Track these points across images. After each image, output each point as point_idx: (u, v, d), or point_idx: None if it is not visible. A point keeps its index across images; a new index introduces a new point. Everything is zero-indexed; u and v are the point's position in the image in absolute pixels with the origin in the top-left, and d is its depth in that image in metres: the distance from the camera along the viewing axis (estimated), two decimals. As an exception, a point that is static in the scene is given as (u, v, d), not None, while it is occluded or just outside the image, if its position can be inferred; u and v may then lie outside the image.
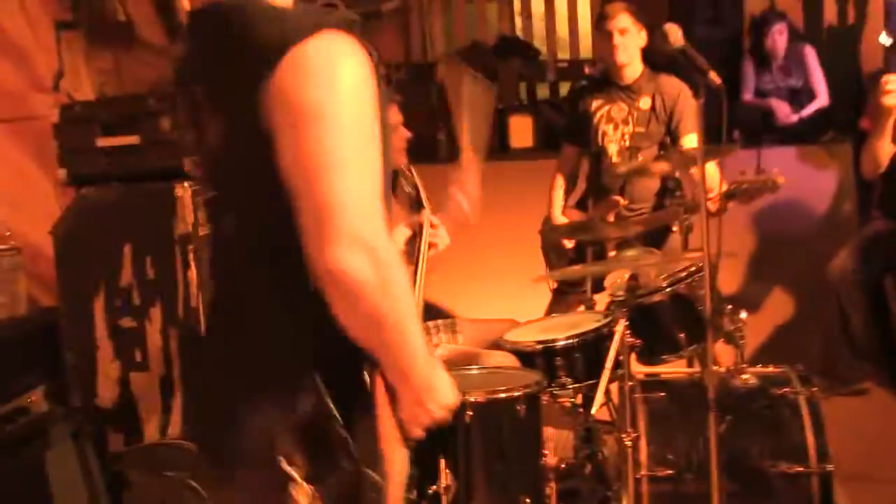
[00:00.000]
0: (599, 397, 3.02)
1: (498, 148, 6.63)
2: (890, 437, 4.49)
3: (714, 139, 6.09)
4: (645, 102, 4.45)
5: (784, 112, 6.38)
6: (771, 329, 5.51)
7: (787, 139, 6.38)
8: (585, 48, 7.80)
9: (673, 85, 4.46)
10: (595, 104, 4.56)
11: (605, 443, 3.78)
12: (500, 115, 6.87)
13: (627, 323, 3.27)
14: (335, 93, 1.47)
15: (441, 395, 1.65)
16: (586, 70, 7.32)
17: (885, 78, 4.47)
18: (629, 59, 4.43)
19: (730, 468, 2.89)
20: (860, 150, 5.20)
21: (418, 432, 1.67)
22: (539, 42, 7.90)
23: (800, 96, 6.43)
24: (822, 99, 6.41)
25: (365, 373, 1.59)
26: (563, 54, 7.92)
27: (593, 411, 3.11)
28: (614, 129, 4.50)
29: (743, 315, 3.37)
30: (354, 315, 1.49)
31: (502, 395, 2.95)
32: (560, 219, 4.59)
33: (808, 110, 6.39)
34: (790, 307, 5.68)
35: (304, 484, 1.53)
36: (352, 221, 1.44)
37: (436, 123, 6.54)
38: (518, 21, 7.92)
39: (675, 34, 2.56)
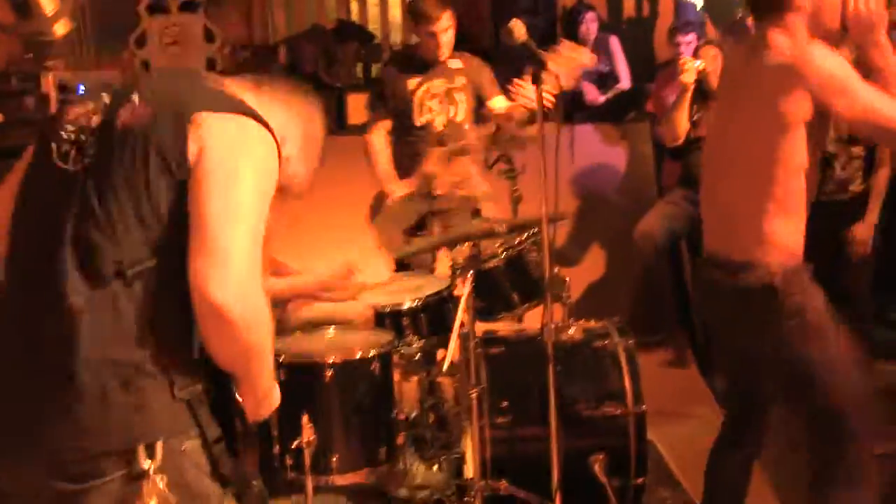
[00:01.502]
0: (449, 354, 3.02)
1: (336, 124, 6.60)
2: (684, 378, 4.75)
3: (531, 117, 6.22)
4: (459, 80, 4.40)
5: (592, 94, 6.57)
6: (586, 283, 5.62)
7: (595, 118, 6.57)
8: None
9: (472, 59, 4.48)
10: (413, 82, 4.41)
11: (447, 394, 3.85)
12: (339, 94, 6.84)
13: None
14: (253, 164, 1.65)
15: (272, 403, 1.83)
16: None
17: (682, 59, 4.68)
18: (451, 51, 4.39)
19: (559, 413, 2.95)
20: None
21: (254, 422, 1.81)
22: (374, 25, 7.88)
23: (606, 80, 6.63)
24: (624, 83, 6.63)
25: None
26: (396, 37, 7.92)
27: (444, 368, 3.10)
28: (439, 103, 4.40)
29: (566, 279, 3.45)
30: (227, 346, 1.61)
31: (357, 357, 2.93)
32: (402, 188, 4.49)
33: (613, 92, 6.61)
34: (602, 264, 5.82)
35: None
36: (239, 273, 1.56)
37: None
38: (354, 6, 7.87)
39: (519, 30, 2.58)
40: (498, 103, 4.28)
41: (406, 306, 3.46)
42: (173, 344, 1.62)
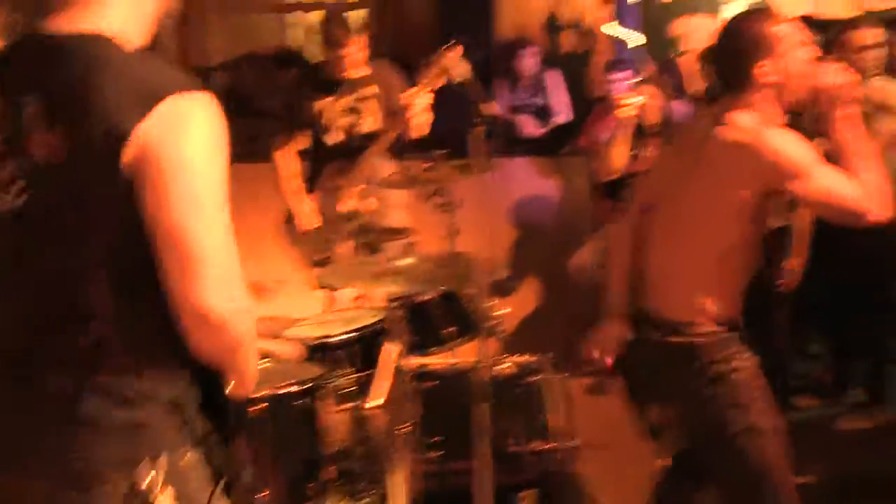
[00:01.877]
0: (377, 390, 2.96)
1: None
2: (616, 408, 4.71)
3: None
4: (369, 89, 4.36)
5: (530, 127, 6.57)
6: (522, 315, 5.57)
7: (533, 150, 6.58)
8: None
9: (381, 65, 4.45)
10: (322, 103, 4.37)
11: (379, 426, 3.77)
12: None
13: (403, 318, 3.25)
14: (203, 149, 1.49)
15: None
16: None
17: (619, 95, 4.70)
18: (361, 69, 4.36)
19: (490, 448, 2.92)
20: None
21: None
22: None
23: (544, 113, 6.64)
24: (562, 116, 6.64)
25: None
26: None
27: (369, 404, 3.04)
28: (345, 118, 4.38)
29: (504, 311, 3.38)
30: (216, 346, 1.52)
31: (287, 391, 2.88)
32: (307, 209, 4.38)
33: (551, 126, 6.62)
34: (537, 296, 5.81)
35: None
36: (218, 270, 1.47)
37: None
38: (291, 32, 7.80)
39: (461, 64, 2.57)
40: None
41: (338, 339, 3.39)
42: (159, 353, 1.55)
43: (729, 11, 7.92)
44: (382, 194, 4.25)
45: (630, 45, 6.64)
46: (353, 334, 3.40)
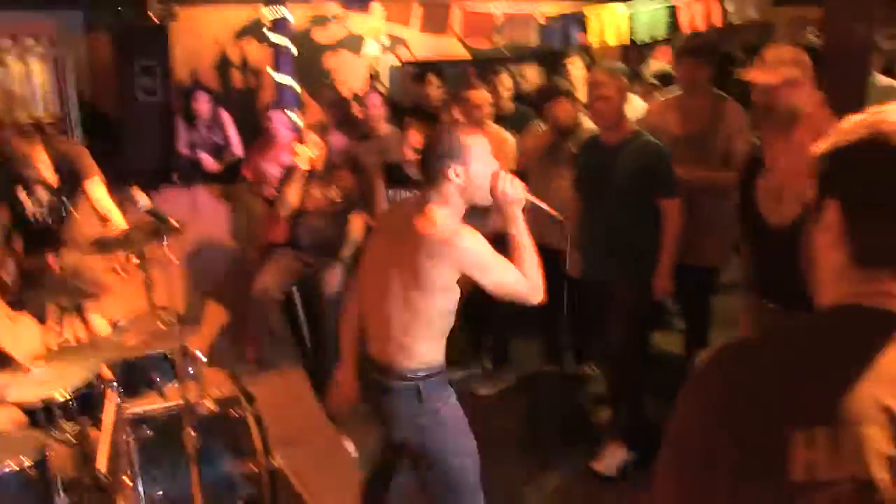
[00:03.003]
0: (103, 449, 2.93)
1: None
2: (307, 410, 4.85)
3: (157, 182, 6.07)
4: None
5: (209, 163, 6.56)
6: (218, 338, 5.53)
7: (214, 181, 6.58)
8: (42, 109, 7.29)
9: (69, 147, 4.34)
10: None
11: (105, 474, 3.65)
12: None
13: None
14: None
15: None
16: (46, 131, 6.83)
17: (294, 146, 4.86)
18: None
19: (203, 476, 2.97)
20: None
21: None
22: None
23: (221, 150, 6.65)
24: (236, 151, 6.69)
25: None
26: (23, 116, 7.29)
27: (98, 465, 3.00)
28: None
29: (201, 356, 3.42)
30: None
31: (9, 469, 2.79)
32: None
33: (227, 160, 6.65)
34: (228, 320, 5.72)
35: None
36: None
37: None
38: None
39: (142, 198, 2.60)
40: (95, 191, 4.21)
41: (59, 401, 3.32)
42: None
43: (368, 48, 8.31)
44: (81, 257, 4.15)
45: (290, 89, 6.76)
46: (72, 392, 3.34)
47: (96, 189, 4.20)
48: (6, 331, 4.07)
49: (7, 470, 2.75)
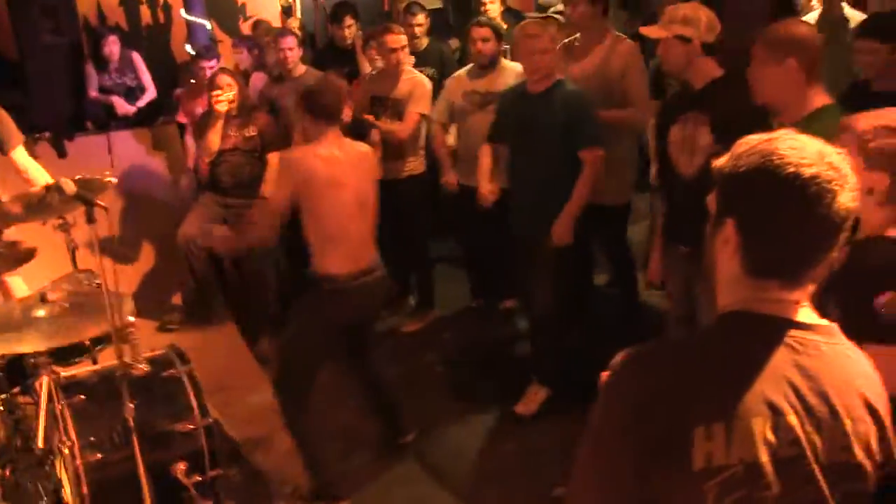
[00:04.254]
0: (41, 418, 2.90)
1: None
2: (237, 354, 4.90)
3: (70, 130, 5.87)
4: None
5: (123, 107, 6.34)
6: (141, 275, 5.52)
7: (129, 125, 6.37)
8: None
9: None
10: None
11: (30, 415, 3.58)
12: None
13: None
14: None
15: None
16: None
17: (214, 93, 4.75)
18: None
19: (141, 437, 2.99)
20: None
21: None
22: None
23: (134, 91, 6.42)
24: (150, 93, 6.48)
25: None
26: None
27: (39, 443, 2.96)
28: None
29: (132, 318, 3.40)
30: None
31: None
32: None
33: (141, 102, 6.43)
34: (153, 257, 5.70)
35: None
36: None
37: None
38: None
39: (68, 186, 2.52)
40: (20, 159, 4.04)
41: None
42: None
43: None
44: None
45: (201, 27, 6.53)
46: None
47: (21, 158, 4.01)
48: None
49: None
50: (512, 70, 4.46)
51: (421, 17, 5.47)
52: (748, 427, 1.18)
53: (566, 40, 4.37)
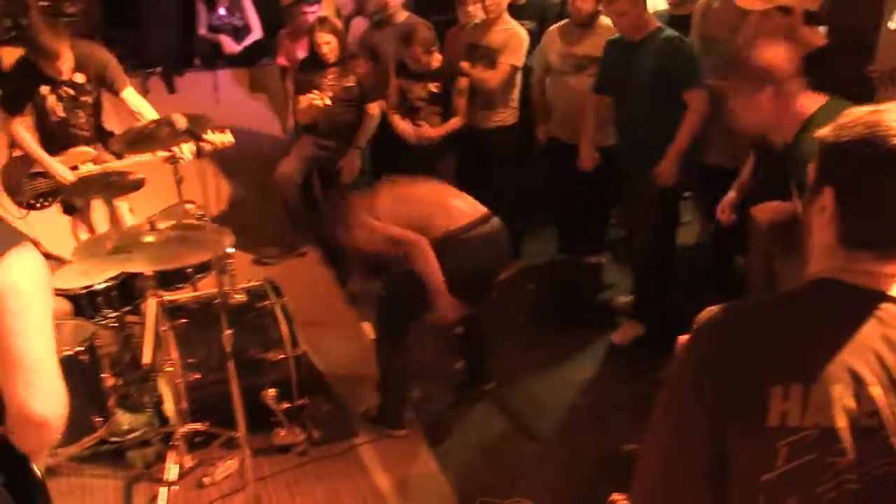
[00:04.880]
0: (148, 337, 3.08)
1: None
2: (327, 290, 5.04)
3: (180, 67, 6.04)
4: (79, 77, 4.13)
5: (230, 45, 6.49)
6: (241, 217, 5.56)
7: (234, 63, 6.53)
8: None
9: (91, 49, 4.22)
10: (44, 90, 4.13)
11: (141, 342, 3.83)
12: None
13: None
14: (36, 284, 1.54)
15: None
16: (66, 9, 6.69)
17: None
18: (72, 67, 4.07)
19: (236, 362, 3.14)
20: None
21: None
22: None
23: (241, 32, 6.56)
24: (256, 33, 6.60)
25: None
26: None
27: (146, 359, 3.15)
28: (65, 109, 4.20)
29: (231, 250, 3.52)
30: (39, 442, 1.58)
31: (66, 354, 2.95)
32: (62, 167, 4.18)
33: (247, 41, 6.57)
34: (251, 201, 5.84)
35: None
36: (44, 384, 1.52)
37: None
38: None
39: (180, 121, 2.62)
40: (131, 98, 4.18)
41: (100, 287, 3.48)
42: None
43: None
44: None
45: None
46: (112, 282, 3.50)
47: (131, 97, 4.18)
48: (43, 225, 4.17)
49: (65, 355, 2.90)
50: (608, 29, 4.37)
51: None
52: (827, 392, 1.18)
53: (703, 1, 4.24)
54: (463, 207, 3.47)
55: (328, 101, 4.84)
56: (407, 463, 3.41)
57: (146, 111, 4.11)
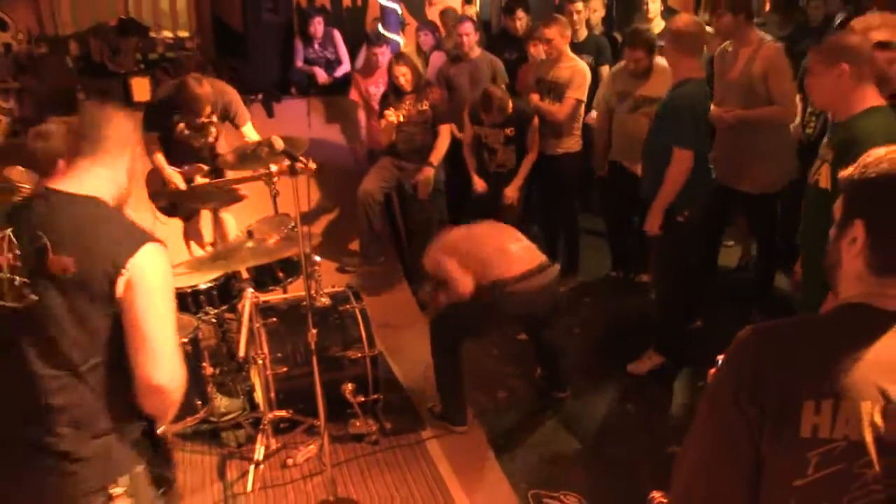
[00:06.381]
0: (244, 333, 3.16)
1: (125, 102, 6.23)
2: (401, 296, 5.05)
3: (278, 94, 6.18)
4: (209, 116, 4.27)
5: (322, 75, 6.64)
6: (327, 229, 5.74)
7: (326, 93, 6.68)
8: (183, 25, 7.44)
9: (217, 86, 4.33)
10: (176, 118, 4.28)
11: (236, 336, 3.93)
12: (123, 78, 6.44)
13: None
14: (163, 278, 1.72)
15: None
16: (187, 45, 7.00)
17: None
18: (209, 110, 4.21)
19: (319, 358, 3.19)
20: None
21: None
22: (147, 18, 7.34)
23: (333, 64, 6.71)
24: (345, 66, 6.73)
25: None
26: (167, 24, 7.44)
27: (240, 352, 3.23)
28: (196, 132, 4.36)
29: (317, 258, 3.58)
30: (162, 407, 1.77)
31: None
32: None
33: (338, 73, 6.71)
34: (337, 215, 5.93)
35: None
36: (168, 357, 1.71)
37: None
38: (130, 2, 7.25)
39: (278, 143, 2.71)
40: (248, 132, 4.33)
41: (203, 287, 3.60)
42: (120, 409, 1.73)
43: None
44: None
45: (393, 12, 6.72)
46: (213, 283, 3.62)
47: (249, 132, 4.36)
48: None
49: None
50: (664, 70, 4.32)
51: (580, 5, 5.41)
52: (857, 408, 1.18)
53: (721, 46, 4.30)
54: (522, 255, 3.47)
55: (402, 118, 4.90)
56: (468, 456, 3.44)
57: (253, 136, 4.25)
